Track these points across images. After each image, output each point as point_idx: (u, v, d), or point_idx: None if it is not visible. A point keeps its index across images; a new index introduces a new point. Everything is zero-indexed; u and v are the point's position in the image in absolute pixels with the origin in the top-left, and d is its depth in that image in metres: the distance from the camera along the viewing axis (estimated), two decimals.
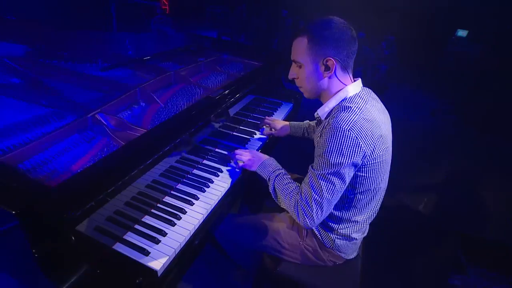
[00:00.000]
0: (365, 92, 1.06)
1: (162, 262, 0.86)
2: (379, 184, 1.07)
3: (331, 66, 1.00)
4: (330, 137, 0.94)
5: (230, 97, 1.43)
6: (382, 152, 1.00)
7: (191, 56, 1.95)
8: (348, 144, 0.92)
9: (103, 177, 0.85)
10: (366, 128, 0.94)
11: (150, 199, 1.05)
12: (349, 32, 0.99)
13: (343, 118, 0.94)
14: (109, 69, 1.51)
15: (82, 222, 0.88)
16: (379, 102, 1.11)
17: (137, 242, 0.91)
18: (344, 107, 0.99)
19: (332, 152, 0.93)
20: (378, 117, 1.01)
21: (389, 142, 1.06)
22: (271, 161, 1.20)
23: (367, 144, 0.94)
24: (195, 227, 0.99)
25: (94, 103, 1.27)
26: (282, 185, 1.10)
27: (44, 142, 0.99)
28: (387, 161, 1.06)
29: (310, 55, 1.01)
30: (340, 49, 0.98)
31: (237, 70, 1.88)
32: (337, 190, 0.97)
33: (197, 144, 1.36)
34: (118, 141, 1.05)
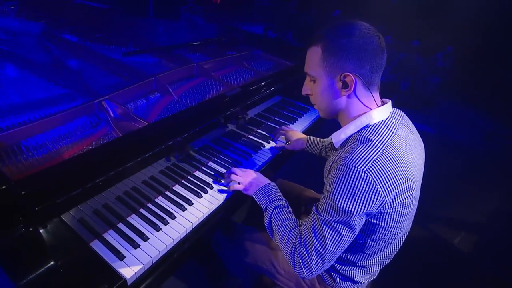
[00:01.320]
0: (394, 119, 0.87)
1: (134, 270, 0.79)
2: (396, 234, 0.88)
3: (350, 83, 0.82)
4: (342, 177, 0.76)
5: (245, 100, 1.33)
6: (405, 199, 0.81)
7: (222, 49, 1.88)
8: (363, 189, 0.74)
9: (78, 171, 0.80)
10: (388, 170, 0.76)
11: (142, 196, 0.99)
12: (375, 40, 0.80)
13: (360, 155, 0.76)
14: (131, 55, 1.49)
15: (69, 211, 0.86)
16: (412, 130, 0.92)
17: (115, 243, 0.85)
18: (363, 138, 0.81)
19: (342, 197, 0.76)
20: (407, 155, 0.82)
21: (417, 186, 0.86)
22: (272, 188, 1.03)
23: (387, 190, 0.76)
24: (180, 236, 0.91)
25: (108, 89, 1.24)
26: (280, 221, 0.93)
27: (46, 123, 0.97)
28: (411, 208, 0.86)
29: (325, 68, 0.83)
30: (362, 62, 0.80)
31: (265, 68, 1.77)
32: (344, 241, 0.80)
33: (207, 143, 1.28)
34: (117, 132, 1.00)
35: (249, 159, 1.27)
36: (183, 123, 1.08)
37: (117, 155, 0.90)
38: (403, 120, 0.90)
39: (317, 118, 1.73)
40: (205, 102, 1.23)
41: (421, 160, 0.90)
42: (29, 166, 0.85)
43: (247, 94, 1.35)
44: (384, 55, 0.82)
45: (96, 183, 0.86)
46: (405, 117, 0.93)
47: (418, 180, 0.87)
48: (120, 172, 0.90)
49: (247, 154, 1.30)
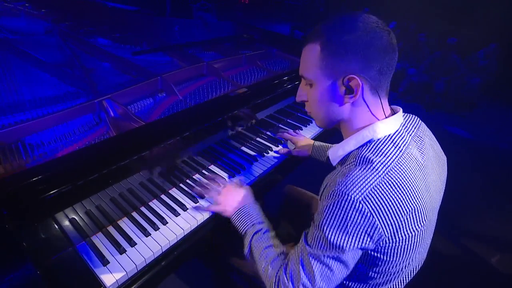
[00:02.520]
0: (406, 131, 0.72)
1: (116, 277, 0.76)
2: (405, 267, 0.74)
3: (356, 87, 0.67)
4: (333, 207, 0.63)
5: (252, 101, 1.26)
6: (412, 232, 0.66)
7: (237, 48, 1.83)
8: (357, 222, 0.62)
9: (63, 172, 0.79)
10: (389, 200, 0.62)
11: (136, 198, 0.96)
12: (385, 36, 0.66)
13: (356, 180, 0.62)
14: (140, 54, 1.48)
15: (63, 211, 0.84)
16: (431, 144, 0.77)
17: (101, 246, 0.82)
18: (363, 158, 0.66)
19: (333, 229, 0.63)
20: (418, 179, 0.67)
21: (430, 214, 0.70)
22: (251, 210, 0.90)
23: (387, 224, 0.63)
24: (170, 243, 0.87)
25: (115, 88, 1.23)
26: (261, 248, 0.81)
27: (45, 122, 0.98)
28: (422, 240, 0.70)
29: (324, 70, 0.68)
30: (370, 62, 0.65)
31: (280, 68, 1.69)
32: (336, 277, 0.69)
33: (211, 145, 1.23)
34: (113, 132, 0.98)
35: (253, 164, 1.21)
36: (182, 123, 1.04)
37: (109, 155, 0.87)
38: (418, 131, 0.76)
39: None
40: (206, 103, 1.18)
41: (439, 181, 0.77)
42: (20, 165, 0.84)
43: (256, 94, 1.28)
44: (395, 53, 0.68)
45: (87, 184, 0.83)
46: (422, 127, 0.79)
47: (434, 207, 0.73)
48: (112, 173, 0.88)
49: (252, 158, 1.23)
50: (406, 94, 4.08)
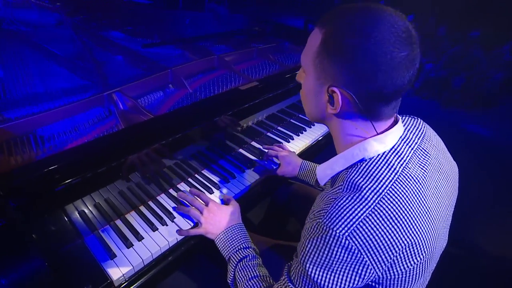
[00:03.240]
0: (406, 144, 0.61)
1: (123, 271, 0.75)
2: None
3: (336, 101, 0.57)
4: (316, 241, 0.55)
5: (263, 94, 1.23)
6: (411, 266, 0.56)
7: (248, 41, 1.80)
8: (343, 259, 0.53)
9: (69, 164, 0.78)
10: (380, 234, 0.52)
11: (144, 192, 0.96)
12: (403, 53, 0.51)
13: (342, 212, 0.53)
14: (150, 47, 1.47)
15: (72, 203, 0.84)
16: (437, 156, 0.66)
17: (109, 240, 0.82)
18: (351, 184, 0.56)
19: (316, 266, 0.56)
20: (416, 205, 0.56)
21: (432, 242, 0.58)
22: (236, 232, 0.83)
23: (378, 261, 0.54)
24: (177, 239, 0.86)
25: (127, 81, 1.23)
26: (245, 279, 0.75)
27: (56, 114, 0.98)
28: (424, 270, 0.61)
29: (315, 66, 0.58)
30: (366, 79, 0.53)
31: (293, 62, 1.65)
32: None
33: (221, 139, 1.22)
34: (122, 125, 0.97)
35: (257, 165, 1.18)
36: (191, 117, 1.02)
37: (118, 148, 0.87)
38: (423, 142, 0.65)
39: None
40: (219, 96, 1.16)
41: (446, 199, 0.66)
42: (31, 156, 0.85)
43: (267, 88, 1.25)
44: (410, 71, 0.54)
45: (96, 176, 0.83)
46: (428, 135, 0.68)
47: (438, 232, 0.61)
48: (121, 166, 0.87)
49: (262, 154, 1.21)
50: (422, 90, 3.95)
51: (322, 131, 1.43)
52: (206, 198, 0.92)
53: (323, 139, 1.42)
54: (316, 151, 1.39)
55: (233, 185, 1.05)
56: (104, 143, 0.88)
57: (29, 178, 0.73)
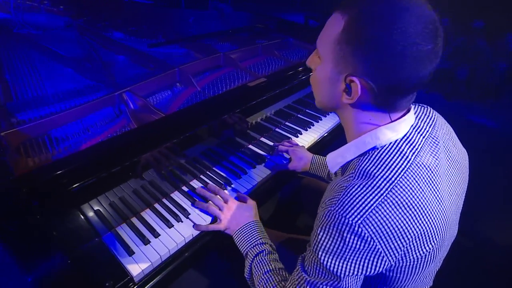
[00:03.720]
0: (418, 133, 0.61)
1: (142, 267, 0.77)
2: (417, 280, 0.66)
3: (354, 93, 0.56)
4: (329, 229, 0.55)
5: (272, 89, 1.24)
6: (422, 253, 0.57)
7: (252, 38, 1.80)
8: (356, 247, 0.53)
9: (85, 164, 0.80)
10: (393, 222, 0.53)
11: (158, 190, 0.96)
12: (429, 45, 0.50)
13: (355, 200, 0.53)
14: (156, 47, 1.48)
15: (87, 203, 0.85)
16: (447, 145, 0.66)
17: (126, 237, 0.83)
18: (363, 172, 0.56)
19: (329, 254, 0.56)
20: (429, 193, 0.57)
21: (443, 230, 0.59)
22: (253, 229, 0.85)
23: (391, 249, 0.54)
24: (193, 235, 0.87)
25: (134, 81, 1.24)
26: (261, 272, 0.76)
27: (68, 115, 0.99)
28: (434, 258, 0.62)
29: (335, 53, 0.56)
30: (389, 71, 0.52)
31: (298, 57, 1.65)
32: None
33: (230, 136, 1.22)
34: (133, 124, 0.98)
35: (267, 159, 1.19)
36: (204, 113, 1.03)
37: (133, 147, 0.87)
38: (433, 130, 0.65)
39: None
40: (228, 93, 1.16)
41: (458, 187, 0.67)
42: (48, 157, 0.86)
43: (274, 84, 1.25)
44: (433, 64, 0.53)
45: (110, 176, 0.84)
46: (439, 123, 0.67)
47: (449, 220, 0.62)
48: (135, 165, 0.88)
49: (271, 149, 1.22)
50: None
51: (330, 124, 1.43)
52: (225, 195, 0.93)
53: (332, 133, 1.43)
54: (325, 145, 1.40)
55: (245, 180, 1.06)
56: (118, 142, 0.89)
57: (48, 178, 0.74)
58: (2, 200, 0.66)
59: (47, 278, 0.67)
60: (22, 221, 0.67)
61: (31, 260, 0.66)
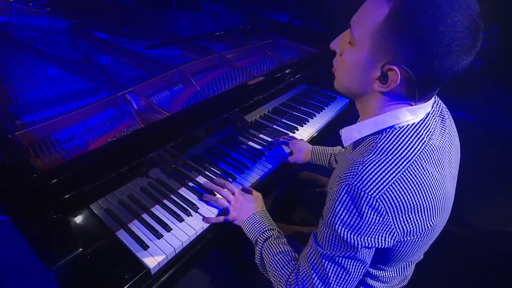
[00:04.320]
0: (433, 118, 0.65)
1: (157, 260, 0.80)
2: (418, 251, 0.72)
3: (391, 81, 0.57)
4: (346, 203, 0.58)
5: (270, 86, 1.29)
6: (426, 229, 0.63)
7: (245, 39, 1.85)
8: (372, 221, 0.57)
9: (101, 163, 0.82)
10: (407, 198, 0.57)
11: (165, 187, 1.00)
12: (469, 41, 0.51)
13: (372, 175, 0.56)
14: (153, 48, 1.49)
15: (96, 201, 0.87)
16: (450, 129, 0.71)
17: (139, 233, 0.86)
18: (381, 149, 0.59)
19: (347, 226, 0.59)
20: (437, 174, 0.61)
21: (446, 204, 0.67)
22: (260, 217, 0.88)
23: (401, 223, 0.59)
24: (203, 227, 0.91)
25: (133, 82, 1.26)
26: (271, 254, 0.79)
27: (73, 117, 1.00)
28: (435, 232, 0.69)
29: (374, 40, 0.55)
30: (432, 62, 0.52)
31: (290, 57, 1.71)
32: (352, 278, 0.64)
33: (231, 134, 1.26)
34: (140, 124, 1.01)
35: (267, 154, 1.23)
36: (207, 112, 1.06)
37: (141, 146, 0.90)
38: (441, 115, 0.70)
39: (344, 107, 1.65)
40: (228, 91, 1.20)
41: (454, 170, 0.73)
42: (58, 157, 0.87)
43: (271, 82, 1.30)
44: (466, 60, 0.54)
45: (120, 174, 0.86)
46: (444, 112, 0.72)
47: (449, 198, 0.68)
48: (144, 162, 0.91)
49: (271, 145, 1.27)
50: None
51: (324, 120, 1.49)
52: (232, 187, 0.97)
53: (327, 128, 1.49)
54: (321, 139, 1.46)
55: (249, 175, 1.11)
56: (125, 142, 0.91)
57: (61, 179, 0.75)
58: (27, 197, 0.68)
59: (69, 272, 0.69)
60: (45, 219, 0.69)
61: (53, 256, 0.68)
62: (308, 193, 1.36)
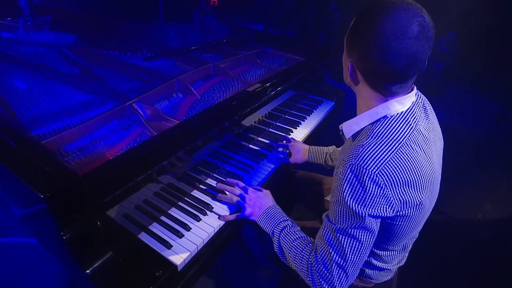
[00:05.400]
0: (417, 108, 0.78)
1: (183, 257, 0.85)
2: (416, 226, 0.84)
3: (354, 76, 0.75)
4: (352, 180, 0.69)
5: (268, 92, 1.38)
6: (416, 203, 0.75)
7: (233, 49, 1.93)
8: (375, 193, 0.69)
9: (131, 166, 0.86)
10: (400, 173, 0.69)
11: (178, 191, 1.04)
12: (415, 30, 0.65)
13: (371, 154, 0.69)
14: (152, 59, 1.54)
15: (112, 208, 0.90)
16: (432, 119, 0.85)
17: (161, 234, 0.90)
18: (377, 134, 0.72)
19: (354, 199, 0.70)
20: (423, 155, 0.74)
21: (435, 183, 0.79)
22: (274, 210, 0.97)
23: (397, 195, 0.71)
24: (220, 225, 0.96)
25: (134, 92, 1.30)
26: (290, 241, 0.87)
27: (84, 128, 1.03)
28: (428, 207, 0.81)
29: (346, 43, 0.75)
30: (381, 59, 0.67)
31: (278, 64, 1.82)
32: (364, 248, 0.74)
33: (231, 139, 1.33)
34: (151, 131, 1.05)
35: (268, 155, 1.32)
36: (215, 118, 1.13)
37: (157, 152, 0.94)
38: (424, 105, 0.84)
39: (331, 109, 1.77)
40: (231, 98, 1.26)
41: (439, 156, 0.85)
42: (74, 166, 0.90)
43: (270, 88, 1.39)
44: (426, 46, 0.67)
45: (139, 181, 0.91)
46: (427, 103, 0.86)
47: (435, 176, 0.80)
48: (159, 168, 0.96)
49: (269, 146, 1.35)
50: None
51: (315, 122, 1.61)
52: (243, 186, 1.04)
53: (318, 128, 1.60)
54: (314, 138, 1.56)
55: (254, 175, 1.18)
56: (140, 151, 0.94)
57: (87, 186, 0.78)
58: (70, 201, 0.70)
59: (104, 274, 0.72)
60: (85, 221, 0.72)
61: (89, 259, 0.72)
62: (305, 190, 1.45)
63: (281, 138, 1.37)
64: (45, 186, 0.65)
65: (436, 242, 1.93)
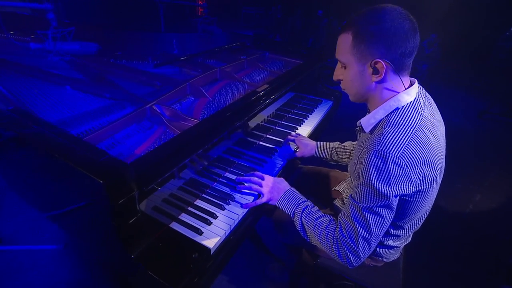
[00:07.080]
0: (421, 98, 0.89)
1: (214, 241, 0.92)
2: (426, 205, 0.94)
3: (381, 69, 0.83)
4: (378, 164, 0.79)
5: (276, 91, 1.47)
6: (432, 179, 0.86)
7: (234, 54, 2.03)
8: (397, 174, 0.79)
9: (168, 157, 0.93)
10: (418, 155, 0.80)
11: (201, 185, 1.12)
12: (407, 25, 0.79)
13: (392, 140, 0.79)
14: (161, 66, 1.62)
15: (141, 202, 0.98)
16: (433, 103, 0.96)
17: (191, 222, 0.98)
18: (393, 123, 0.83)
19: (380, 181, 0.80)
20: (432, 136, 0.85)
21: (441, 164, 0.91)
22: (294, 192, 1.06)
23: (417, 173, 0.81)
24: (243, 212, 1.04)
25: (150, 96, 1.37)
26: (313, 220, 0.97)
27: (110, 129, 1.10)
28: (437, 184, 0.92)
29: (355, 55, 0.84)
30: (393, 48, 0.80)
31: (278, 68, 1.93)
32: (386, 223, 0.86)
33: (242, 137, 1.42)
34: (174, 130, 1.13)
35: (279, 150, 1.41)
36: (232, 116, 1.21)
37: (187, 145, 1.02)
38: (426, 95, 0.94)
39: (330, 108, 1.89)
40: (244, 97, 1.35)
41: (443, 136, 0.95)
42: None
43: (276, 88, 1.48)
44: (416, 38, 0.81)
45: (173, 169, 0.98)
46: (427, 94, 0.96)
47: (443, 158, 0.92)
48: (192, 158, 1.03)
49: (279, 143, 1.44)
50: None
51: (317, 119, 1.71)
52: (260, 174, 1.12)
53: (321, 125, 1.71)
54: (318, 135, 1.67)
55: (268, 169, 1.27)
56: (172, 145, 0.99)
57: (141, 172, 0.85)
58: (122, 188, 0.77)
59: (150, 256, 0.79)
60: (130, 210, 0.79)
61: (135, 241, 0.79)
62: (313, 182, 1.54)
63: (290, 135, 1.47)
64: (102, 174, 0.72)
65: (432, 230, 2.05)
